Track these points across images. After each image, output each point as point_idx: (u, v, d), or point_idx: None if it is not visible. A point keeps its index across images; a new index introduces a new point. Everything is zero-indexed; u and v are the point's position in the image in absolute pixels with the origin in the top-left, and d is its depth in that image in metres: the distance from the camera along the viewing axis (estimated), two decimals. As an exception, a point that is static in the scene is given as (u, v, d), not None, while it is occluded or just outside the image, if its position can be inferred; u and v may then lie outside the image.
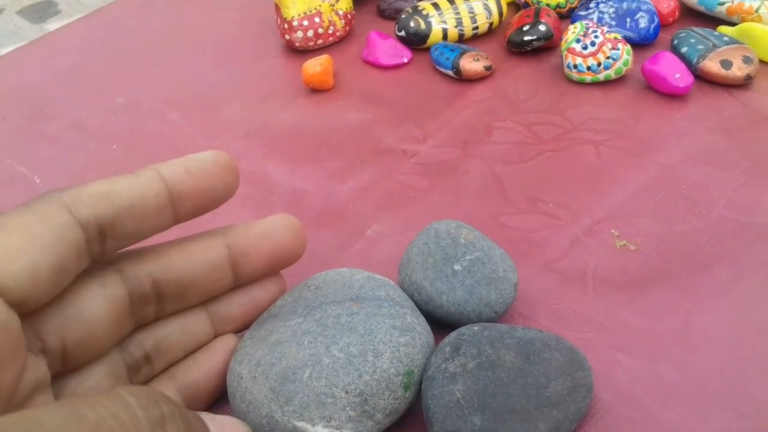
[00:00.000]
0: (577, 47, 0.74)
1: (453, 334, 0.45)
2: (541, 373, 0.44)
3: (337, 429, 0.40)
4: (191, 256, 0.44)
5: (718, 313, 0.51)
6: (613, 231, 0.59)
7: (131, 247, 0.41)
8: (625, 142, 0.68)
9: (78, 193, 0.36)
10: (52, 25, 3.18)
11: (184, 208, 0.41)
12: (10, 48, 3.10)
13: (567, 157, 0.67)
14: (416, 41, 0.82)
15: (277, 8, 0.83)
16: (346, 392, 0.41)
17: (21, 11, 3.29)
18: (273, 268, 0.48)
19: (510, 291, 0.50)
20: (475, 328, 0.45)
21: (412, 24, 0.81)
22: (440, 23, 0.81)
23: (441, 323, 0.50)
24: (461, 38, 0.83)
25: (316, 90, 0.78)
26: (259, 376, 0.41)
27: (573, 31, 0.75)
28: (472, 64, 0.76)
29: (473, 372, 0.43)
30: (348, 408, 0.40)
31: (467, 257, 0.50)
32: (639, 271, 0.55)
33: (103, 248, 0.38)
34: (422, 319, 0.47)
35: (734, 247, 0.56)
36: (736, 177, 0.63)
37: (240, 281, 0.47)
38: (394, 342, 0.43)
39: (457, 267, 0.50)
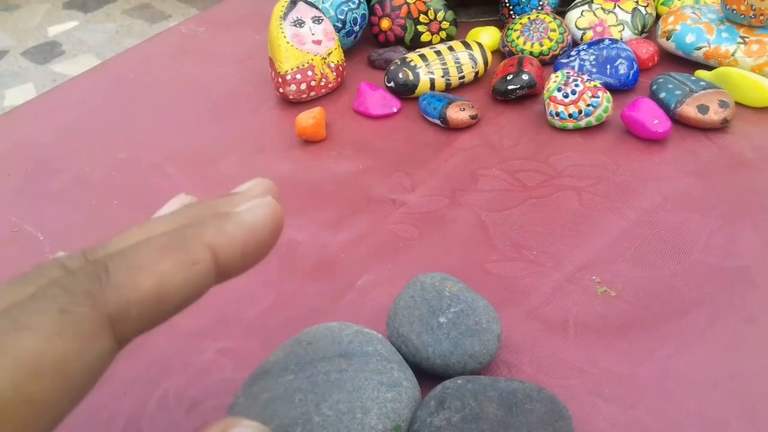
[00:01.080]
0: (559, 96, 0.77)
1: (438, 388, 0.47)
2: (523, 424, 0.46)
3: None
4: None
5: (696, 358, 0.53)
6: (594, 277, 0.61)
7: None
8: (606, 188, 0.70)
9: (125, 303, 0.28)
10: (57, 66, 3.24)
11: (223, 278, 0.34)
12: (15, 88, 3.16)
13: (550, 203, 0.69)
14: (405, 91, 0.85)
15: (272, 62, 0.86)
16: None
17: (25, 52, 3.36)
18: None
19: (493, 342, 0.52)
20: (459, 381, 0.47)
21: (400, 75, 0.84)
22: (427, 74, 0.84)
23: (428, 374, 0.52)
24: (448, 87, 0.86)
25: (309, 141, 0.81)
26: None
27: (554, 80, 0.78)
28: (458, 113, 0.79)
29: (457, 425, 0.45)
30: None
31: (452, 309, 0.53)
32: (618, 317, 0.57)
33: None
34: (409, 372, 0.49)
35: (710, 291, 0.59)
36: (713, 221, 0.66)
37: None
38: (381, 398, 0.45)
39: (442, 319, 0.52)
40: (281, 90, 0.85)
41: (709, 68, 0.84)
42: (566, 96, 0.77)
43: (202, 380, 0.56)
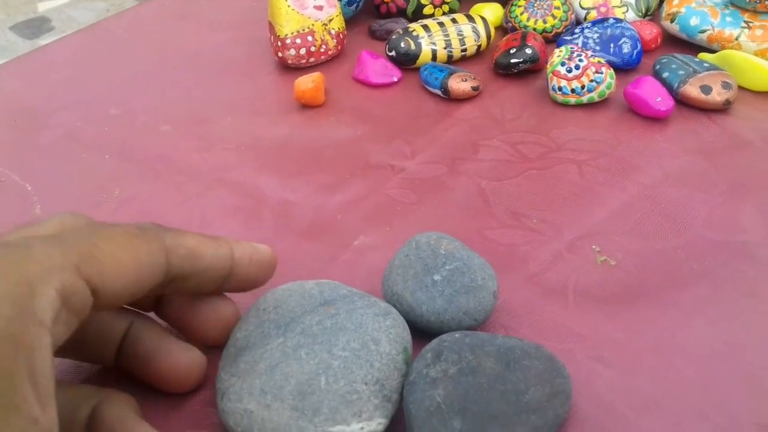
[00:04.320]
0: (562, 70, 0.76)
1: (435, 341, 0.46)
2: (520, 379, 0.45)
3: (369, 420, 0.42)
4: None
5: (696, 329, 0.53)
6: (594, 247, 0.60)
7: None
8: (607, 162, 0.70)
9: (177, 241, 0.41)
10: (45, 41, 3.19)
11: (228, 284, 0.46)
12: (1, 62, 3.12)
13: (551, 175, 0.68)
14: (406, 61, 0.84)
15: (271, 26, 0.85)
16: (366, 384, 0.42)
17: (14, 27, 3.31)
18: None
19: (489, 299, 0.51)
20: (457, 335, 0.46)
21: (402, 44, 0.83)
22: (430, 44, 0.83)
23: (422, 333, 0.51)
24: (450, 59, 0.85)
25: (307, 106, 0.79)
26: (272, 403, 0.42)
27: (558, 54, 0.77)
28: (460, 84, 0.78)
29: (454, 377, 0.44)
30: (372, 398, 0.42)
31: (446, 267, 0.51)
32: (619, 286, 0.56)
33: (164, 291, 0.43)
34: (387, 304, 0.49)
35: (711, 264, 0.58)
36: (714, 198, 0.65)
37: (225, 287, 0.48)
38: (384, 326, 0.45)
39: (436, 277, 0.51)
40: (280, 54, 0.84)
41: (712, 51, 0.83)
42: (569, 71, 0.76)
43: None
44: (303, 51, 0.83)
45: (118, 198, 0.68)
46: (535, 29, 0.88)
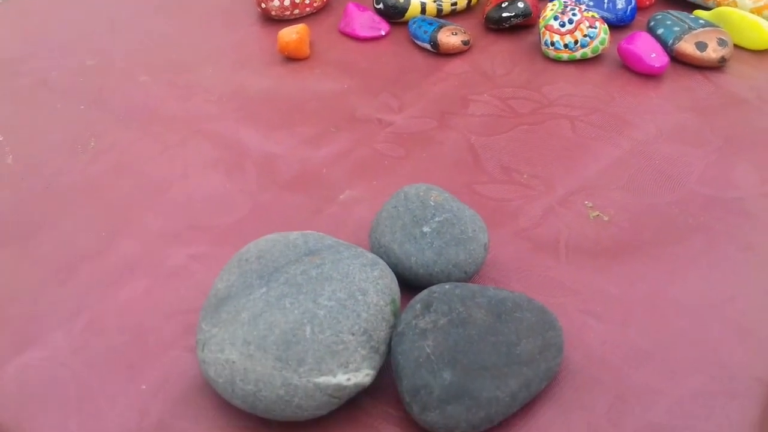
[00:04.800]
0: (555, 24, 0.74)
1: (424, 292, 0.44)
2: (512, 331, 0.43)
3: (357, 371, 0.41)
4: None
5: (690, 282, 0.51)
6: (586, 202, 0.58)
7: None
8: (600, 118, 0.68)
9: None
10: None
11: None
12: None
13: (542, 130, 0.66)
14: (394, 14, 0.81)
15: (254, -24, 0.81)
16: (353, 334, 0.41)
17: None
18: None
19: (480, 251, 0.49)
20: (447, 286, 0.45)
21: (390, -3, 0.80)
22: (419, -3, 0.80)
23: (410, 286, 0.49)
24: (439, 13, 0.82)
25: (291, 58, 0.77)
26: (255, 353, 0.40)
27: (551, 8, 0.75)
28: (450, 38, 0.76)
29: (444, 328, 0.42)
30: (359, 348, 0.41)
31: (436, 219, 0.50)
32: (611, 241, 0.55)
33: None
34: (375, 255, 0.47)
35: (706, 219, 0.57)
36: (709, 154, 0.64)
37: None
38: (371, 277, 0.43)
39: (425, 229, 0.49)
40: (263, 5, 0.81)
41: (707, 9, 0.82)
42: (563, 25, 0.74)
43: (172, 284, 0.52)
44: (287, 2, 0.80)
45: (95, 149, 0.65)
46: (527, -16, 0.85)
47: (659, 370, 0.45)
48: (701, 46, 0.73)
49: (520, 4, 0.78)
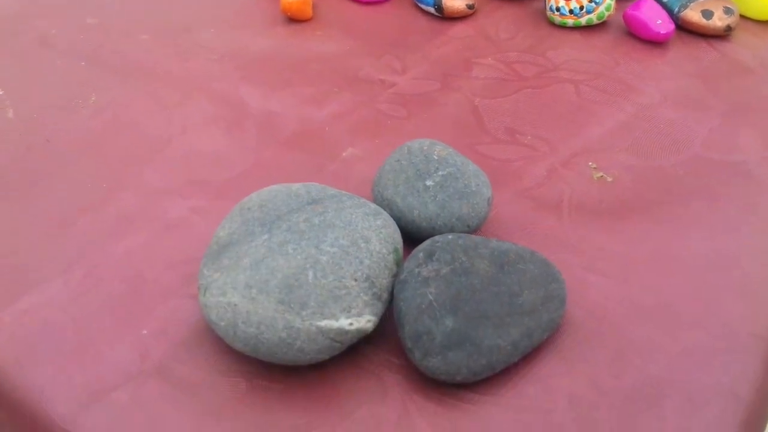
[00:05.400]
0: (561, -11, 0.74)
1: (427, 242, 0.44)
2: (514, 282, 0.43)
3: (359, 316, 0.40)
4: None
5: (692, 241, 0.51)
6: (590, 163, 0.58)
7: None
8: (605, 83, 0.68)
9: None
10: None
11: None
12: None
13: (547, 93, 0.66)
14: (399, -22, 0.80)
15: (258, -63, 0.80)
16: (355, 280, 0.41)
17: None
18: None
19: (483, 205, 0.49)
20: (450, 236, 0.44)
21: (395, -40, 0.79)
22: (424, -39, 0.80)
23: (413, 240, 0.49)
24: (444, -22, 0.81)
25: (293, 20, 0.76)
26: (257, 296, 0.40)
27: (557, -27, 0.75)
28: (454, 1, 0.75)
29: (446, 277, 0.42)
30: (362, 294, 0.41)
31: (440, 173, 0.49)
32: (615, 201, 0.55)
33: None
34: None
35: (709, 182, 0.56)
36: (713, 120, 0.63)
37: None
38: (374, 225, 0.43)
39: (429, 182, 0.49)
40: (267, -33, 0.80)
41: (715, -21, 0.81)
42: (568, -10, 0.73)
43: (171, 236, 0.52)
44: (291, -37, 0.79)
45: (94, 104, 0.64)
46: (532, -49, 0.84)
47: (660, 325, 0.45)
48: (707, 14, 0.73)
49: (526, -30, 0.77)
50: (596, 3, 0.73)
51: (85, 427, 0.40)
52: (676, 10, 0.74)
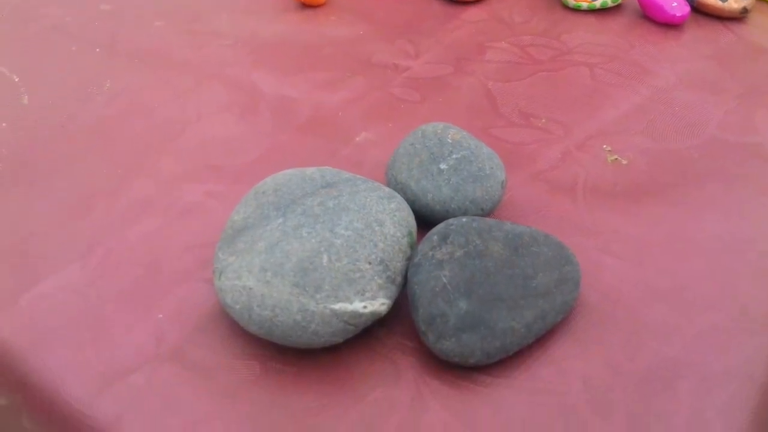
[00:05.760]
0: (576, -29, 0.73)
1: (441, 225, 0.44)
2: (528, 265, 0.43)
3: (373, 299, 0.41)
4: None
5: (708, 224, 0.51)
6: (605, 146, 0.58)
7: None
8: (619, 66, 0.67)
9: None
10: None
11: None
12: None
13: (561, 77, 0.66)
14: (411, -38, 0.80)
15: None
16: (369, 263, 0.41)
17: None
18: None
19: (497, 188, 0.49)
20: (464, 219, 0.44)
21: (407, -56, 0.79)
22: (436, -56, 0.79)
23: (427, 223, 0.49)
24: (457, -38, 0.81)
25: (306, 5, 0.76)
26: (272, 279, 0.40)
27: (572, -45, 0.74)
28: (467, -15, 0.75)
29: (460, 260, 0.42)
30: (376, 277, 0.41)
31: (453, 156, 0.49)
32: (630, 184, 0.54)
33: None
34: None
35: (725, 164, 0.56)
36: (729, 101, 0.63)
37: None
38: (388, 209, 0.43)
39: (443, 166, 0.49)
40: (279, -48, 0.80)
41: (732, -40, 0.80)
42: (583, -28, 0.73)
43: (187, 221, 0.52)
44: (303, -52, 0.79)
45: (109, 91, 0.65)
46: (546, -67, 0.83)
47: (676, 308, 0.45)
48: (724, -6, 0.72)
49: (540, -48, 0.77)
50: (611, -15, 0.72)
51: (102, 410, 0.40)
52: (693, -9, 0.73)
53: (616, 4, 0.74)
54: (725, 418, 0.39)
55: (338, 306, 0.40)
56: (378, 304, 0.41)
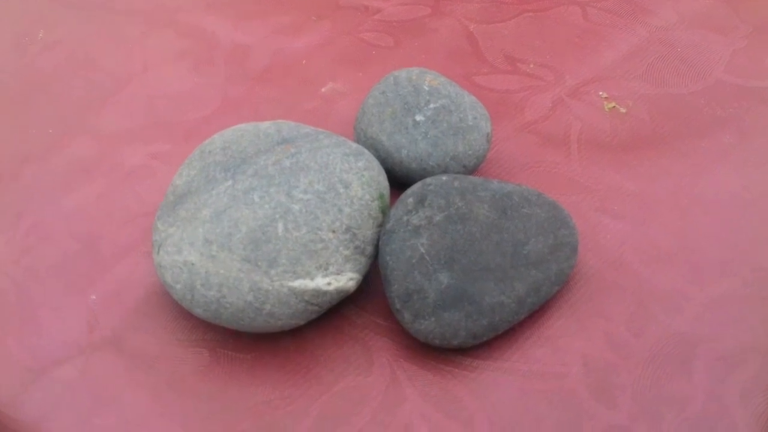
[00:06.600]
0: None
1: (417, 185, 0.38)
2: (519, 229, 0.37)
3: (338, 274, 0.35)
4: None
5: (718, 177, 0.45)
6: (601, 93, 0.52)
7: None
8: (614, 4, 0.60)
9: None
10: None
11: None
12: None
13: (550, 17, 0.59)
14: None
15: None
16: (333, 232, 0.35)
17: None
18: None
19: (481, 142, 0.43)
20: (444, 178, 0.38)
21: None
22: None
23: (401, 184, 0.43)
24: None
25: (267, -58, 0.68)
26: (218, 253, 0.34)
27: None
28: None
29: (440, 225, 0.36)
30: (341, 248, 0.35)
31: (431, 105, 0.43)
32: (630, 134, 0.49)
33: None
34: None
35: (736, 110, 0.50)
36: (737, 41, 0.57)
37: None
38: (355, 168, 0.37)
39: (419, 117, 0.43)
40: None
41: None
42: None
43: (130, 186, 0.46)
44: None
45: (44, 40, 0.57)
46: None
47: (684, 273, 0.40)
48: (728, -77, 0.65)
49: None
50: None
51: (27, 409, 0.34)
52: None
53: (609, -64, 0.67)
54: (746, 404, 0.34)
55: (297, 283, 0.34)
56: (345, 279, 0.35)
